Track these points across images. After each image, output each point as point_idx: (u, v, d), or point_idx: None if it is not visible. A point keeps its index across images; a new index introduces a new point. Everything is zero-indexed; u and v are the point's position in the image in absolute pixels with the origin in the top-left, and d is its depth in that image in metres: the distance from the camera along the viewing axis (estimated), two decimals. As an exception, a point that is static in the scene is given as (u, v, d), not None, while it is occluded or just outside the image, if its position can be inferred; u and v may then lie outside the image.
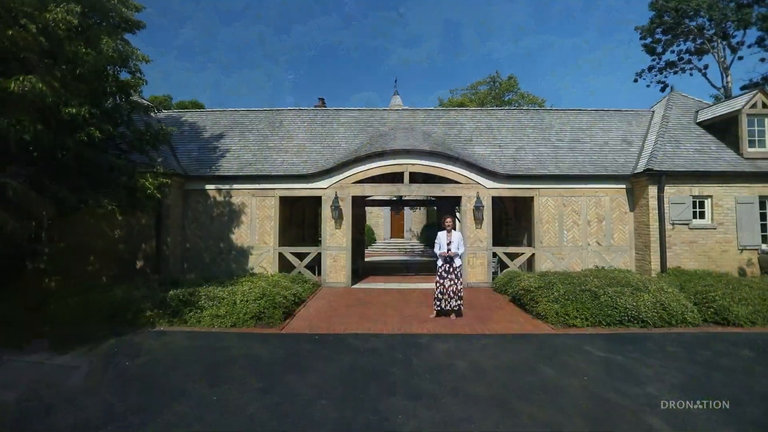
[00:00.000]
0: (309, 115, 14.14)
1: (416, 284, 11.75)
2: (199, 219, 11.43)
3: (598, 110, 14.25)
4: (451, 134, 13.20)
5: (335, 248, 11.23)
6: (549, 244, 11.29)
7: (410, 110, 14.48)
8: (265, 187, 11.39)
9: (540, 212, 11.32)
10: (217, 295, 7.50)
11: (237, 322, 6.87)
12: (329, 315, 7.90)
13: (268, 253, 11.29)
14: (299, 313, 8.05)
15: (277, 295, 7.53)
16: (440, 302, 7.63)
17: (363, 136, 13.08)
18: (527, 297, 7.91)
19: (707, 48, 22.32)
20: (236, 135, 13.20)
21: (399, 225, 30.19)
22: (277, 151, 12.40)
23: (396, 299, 9.49)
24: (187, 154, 12.32)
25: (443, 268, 7.66)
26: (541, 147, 12.53)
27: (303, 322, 7.29)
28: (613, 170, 11.44)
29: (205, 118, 14.14)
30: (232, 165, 11.79)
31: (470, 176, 11.26)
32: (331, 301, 9.22)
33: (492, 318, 7.61)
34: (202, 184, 11.43)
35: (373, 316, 7.78)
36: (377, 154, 11.18)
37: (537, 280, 8.09)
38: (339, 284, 11.16)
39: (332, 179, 11.31)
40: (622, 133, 13.12)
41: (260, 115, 14.22)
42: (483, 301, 9.25)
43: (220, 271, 11.25)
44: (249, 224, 11.39)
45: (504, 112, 14.32)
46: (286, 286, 8.69)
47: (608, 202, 11.38)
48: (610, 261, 11.23)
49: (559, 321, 6.92)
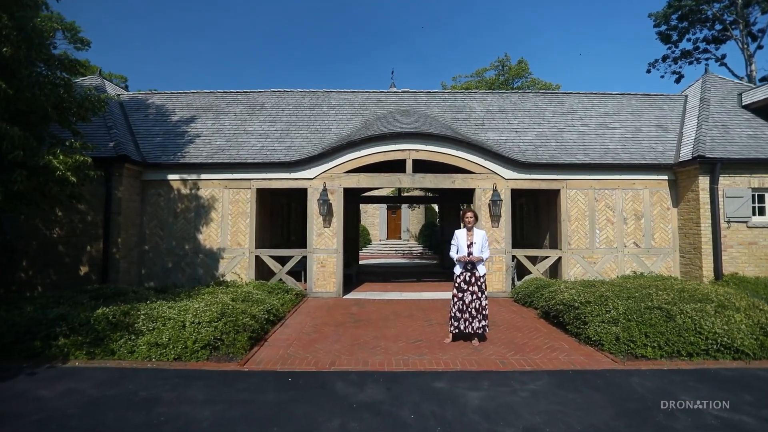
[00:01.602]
0: (295, 98, 12.27)
1: (419, 293, 9.92)
2: (160, 215, 9.52)
3: (625, 94, 12.55)
4: (459, 118, 11.41)
5: (323, 251, 9.36)
6: (578, 246, 9.51)
7: (411, 92, 12.68)
8: (240, 177, 9.50)
9: (568, 208, 9.54)
10: (162, 314, 5.61)
11: (183, 354, 4.99)
12: (312, 339, 6.03)
13: (242, 257, 9.40)
14: (273, 336, 6.17)
15: (242, 314, 5.64)
16: (458, 323, 5.80)
17: (357, 121, 11.24)
18: (569, 314, 6.11)
19: (729, 35, 20.76)
20: (210, 119, 11.30)
21: (396, 225, 28.37)
22: (256, 137, 10.53)
23: (397, 314, 7.66)
24: (150, 139, 10.40)
25: (462, 277, 5.83)
26: (564, 133, 10.77)
27: (276, 351, 5.42)
28: (652, 158, 9.71)
29: (175, 100, 12.22)
30: (201, 151, 9.90)
31: (486, 165, 9.45)
32: (317, 318, 7.35)
33: (527, 344, 5.79)
34: (164, 174, 9.52)
35: (370, 341, 5.94)
36: (375, 138, 9.35)
37: (582, 293, 6.29)
38: (328, 294, 9.29)
39: (320, 168, 9.45)
40: (655, 118, 11.41)
41: (239, 96, 12.33)
42: (506, 317, 7.43)
43: (185, 279, 9.35)
44: (220, 222, 9.49)
45: (519, 95, 12.56)
46: (258, 299, 6.82)
47: (647, 196, 9.63)
48: (650, 266, 9.48)
49: (621, 349, 5.12)
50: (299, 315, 7.58)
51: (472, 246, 5.79)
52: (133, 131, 10.62)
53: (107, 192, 8.62)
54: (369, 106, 11.99)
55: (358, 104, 12.06)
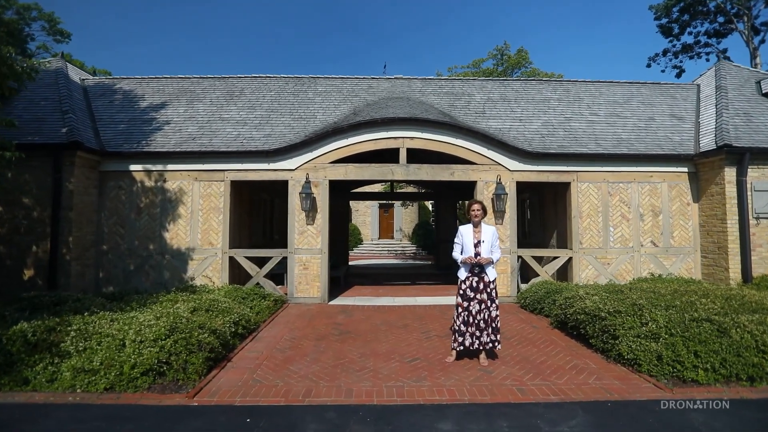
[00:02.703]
0: (278, 84, 11.21)
1: (414, 298, 8.91)
2: (121, 211, 8.39)
3: (634, 82, 11.68)
4: (458, 106, 10.43)
5: (306, 251, 8.31)
6: (590, 246, 8.57)
7: (405, 79, 11.67)
8: (212, 167, 8.41)
9: (579, 203, 8.60)
10: (99, 329, 4.53)
11: (118, 383, 3.92)
12: (287, 357, 4.99)
13: (214, 258, 8.31)
14: (240, 353, 5.12)
15: (198, 329, 4.57)
16: (464, 338, 4.80)
17: (346, 108, 10.21)
18: (594, 326, 5.14)
19: (732, 27, 20.08)
20: (182, 105, 10.19)
21: (388, 224, 27.36)
22: (232, 124, 9.44)
23: (389, 323, 6.64)
24: (113, 126, 9.26)
25: (469, 283, 4.83)
26: (572, 122, 9.84)
27: (239, 376, 4.37)
28: (670, 149, 8.81)
29: (146, 85, 11.08)
30: (169, 140, 8.79)
31: (488, 155, 8.47)
32: (296, 329, 6.30)
33: (546, 363, 4.81)
34: (126, 164, 8.39)
35: (357, 360, 4.91)
36: (365, 124, 8.32)
37: (608, 300, 5.32)
38: (311, 300, 8.24)
39: (303, 157, 8.39)
40: (668, 107, 10.54)
41: (216, 82, 11.23)
42: (515, 327, 6.45)
43: (150, 283, 8.24)
44: (189, 218, 8.39)
45: (521, 83, 11.62)
46: (225, 308, 5.75)
47: (666, 190, 8.73)
48: (669, 267, 8.57)
49: (665, 371, 4.16)
50: (276, 326, 6.53)
51: (480, 245, 4.81)
52: (95, 117, 9.47)
53: (55, 183, 7.48)
54: (359, 92, 10.97)
55: (347, 91, 11.03)
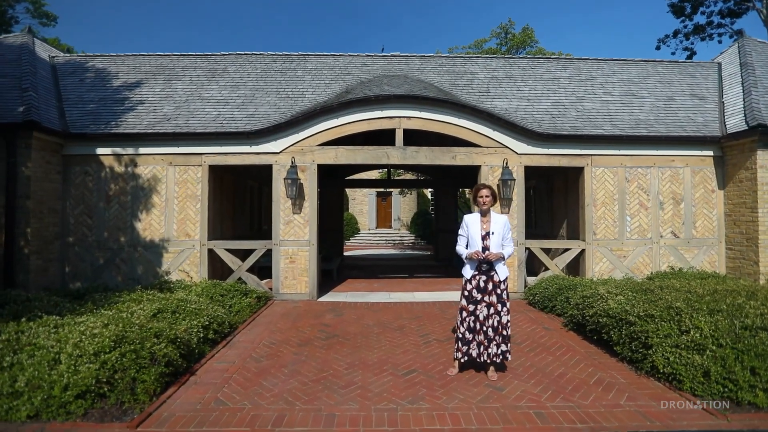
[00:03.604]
0: (264, 61, 10.32)
1: (412, 293, 8.18)
2: (88, 200, 7.60)
3: (649, 61, 10.83)
4: (460, 84, 9.58)
5: (293, 242, 7.55)
6: (605, 237, 7.82)
7: (403, 56, 10.79)
8: (188, 151, 7.59)
9: (593, 190, 7.82)
10: (32, 340, 3.79)
11: (45, 409, 3.20)
12: (262, 369, 4.26)
13: (192, 251, 7.55)
14: (208, 363, 4.38)
15: (151, 339, 3.82)
16: (469, 347, 4.06)
17: (337, 86, 9.36)
18: (619, 332, 4.41)
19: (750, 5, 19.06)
20: (159, 84, 9.32)
21: (386, 213, 26.58)
22: (212, 104, 8.59)
23: (383, 324, 5.91)
24: (81, 106, 8.42)
25: (475, 283, 4.08)
26: (585, 101, 9.01)
27: (200, 395, 3.64)
28: (693, 130, 8.01)
29: (121, 63, 10.18)
30: (141, 120, 7.96)
31: (494, 136, 7.66)
32: (278, 332, 5.57)
33: (565, 376, 4.08)
34: (92, 147, 7.58)
35: (343, 372, 4.18)
36: (358, 102, 7.50)
37: (637, 302, 4.58)
38: (298, 296, 7.50)
39: (288, 139, 7.57)
40: (687, 86, 9.71)
41: (197, 60, 10.34)
42: (525, 329, 5.73)
43: (122, 278, 7.50)
44: (164, 207, 7.61)
45: (528, 61, 10.75)
46: (194, 309, 5.00)
47: (689, 176, 7.95)
48: (691, 260, 7.84)
49: (714, 391, 3.44)
50: (256, 327, 5.80)
51: (489, 237, 4.04)
52: (62, 97, 8.62)
53: (9, 169, 6.68)
54: (352, 71, 10.10)
55: (339, 69, 10.16)
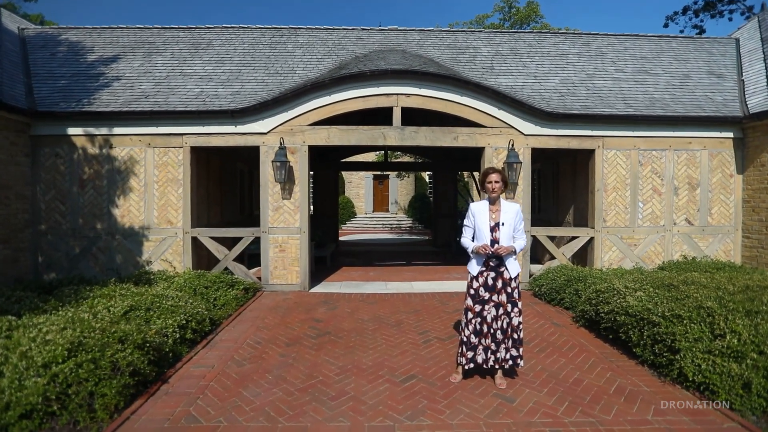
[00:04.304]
0: (252, 35, 9.62)
1: (410, 283, 7.74)
2: (60, 184, 7.04)
3: (662, 36, 10.19)
4: (462, 60, 8.94)
5: (282, 230, 7.04)
6: (615, 224, 7.36)
7: (401, 30, 10.10)
8: (168, 131, 7.00)
9: (604, 174, 7.32)
10: (-23, 345, 3.30)
11: (-18, 431, 2.74)
12: (244, 375, 3.81)
13: (174, 239, 7.03)
14: (182, 370, 3.93)
15: (114, 344, 3.34)
16: (474, 352, 3.62)
17: (330, 62, 8.71)
18: (641, 332, 3.98)
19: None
20: (138, 58, 8.63)
21: (383, 196, 26.05)
22: (195, 80, 7.95)
23: (379, 319, 5.47)
24: (52, 82, 7.77)
25: (483, 280, 3.61)
26: (595, 79, 8.42)
27: (169, 411, 3.19)
28: (713, 110, 7.47)
29: (97, 36, 9.45)
30: (117, 98, 7.33)
31: (499, 116, 7.10)
32: (265, 329, 5.12)
33: (581, 382, 3.65)
34: (63, 127, 6.97)
35: (333, 380, 3.74)
36: (352, 78, 6.89)
37: (660, 299, 4.13)
38: (289, 287, 7.05)
39: (277, 118, 6.98)
40: (704, 63, 9.11)
41: (180, 33, 9.62)
42: (533, 325, 5.30)
43: (99, 268, 7.01)
44: (143, 192, 7.06)
45: (534, 36, 10.08)
46: (170, 306, 4.52)
47: (706, 159, 7.45)
48: (705, 248, 7.41)
49: (754, 405, 3.03)
50: (241, 323, 5.34)
51: (499, 229, 3.55)
52: (30, 72, 7.95)
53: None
54: (347, 45, 9.43)
55: (332, 43, 9.48)
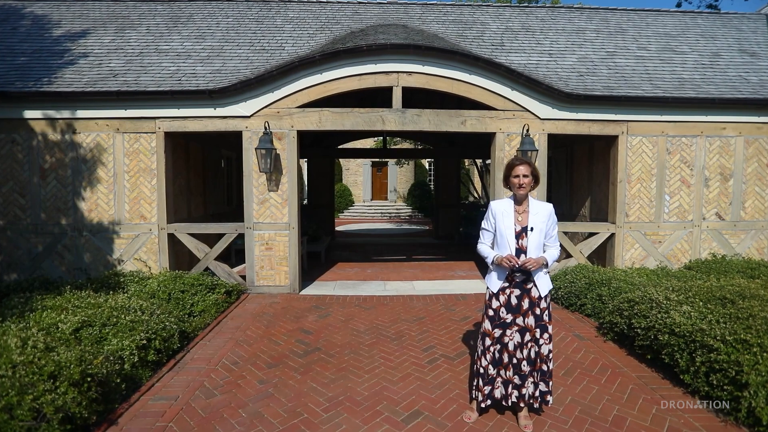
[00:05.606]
0: (238, 8, 8.75)
1: (411, 282, 7.04)
2: (18, 175, 6.26)
3: (687, 12, 9.39)
4: (469, 36, 8.11)
5: (269, 225, 6.31)
6: (638, 219, 6.65)
7: (401, 4, 9.23)
8: (139, 114, 6.20)
9: (628, 163, 6.57)
10: None
11: None
12: (211, 414, 3.12)
13: (149, 236, 6.30)
14: (137, 404, 3.24)
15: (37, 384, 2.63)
16: (492, 386, 2.94)
17: (323, 37, 7.86)
18: (692, 357, 3.30)
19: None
20: (109, 34, 7.78)
21: (382, 184, 25.28)
22: (171, 57, 7.12)
23: (377, 332, 4.79)
24: (10, 59, 6.94)
25: (504, 298, 2.90)
26: (617, 57, 7.61)
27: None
28: (750, 92, 6.70)
29: (65, 10, 8.59)
30: (82, 76, 6.51)
31: (513, 97, 6.31)
32: (244, 344, 4.43)
33: (622, 420, 2.99)
34: (19, 110, 6.16)
35: (321, 420, 3.05)
36: (346, 53, 6.07)
37: (715, 317, 3.44)
38: (277, 289, 6.35)
39: (261, 99, 6.18)
40: (734, 41, 8.33)
41: (158, 6, 8.75)
42: (553, 338, 4.61)
43: (66, 268, 6.29)
44: (112, 184, 6.30)
45: (547, 11, 9.22)
46: (130, 322, 3.81)
47: (741, 147, 6.70)
48: (736, 246, 6.73)
49: None
50: (218, 336, 4.65)
51: (527, 235, 2.83)
52: (-15, 46, 7.12)
53: None
54: (341, 20, 8.56)
55: (325, 18, 8.61)
